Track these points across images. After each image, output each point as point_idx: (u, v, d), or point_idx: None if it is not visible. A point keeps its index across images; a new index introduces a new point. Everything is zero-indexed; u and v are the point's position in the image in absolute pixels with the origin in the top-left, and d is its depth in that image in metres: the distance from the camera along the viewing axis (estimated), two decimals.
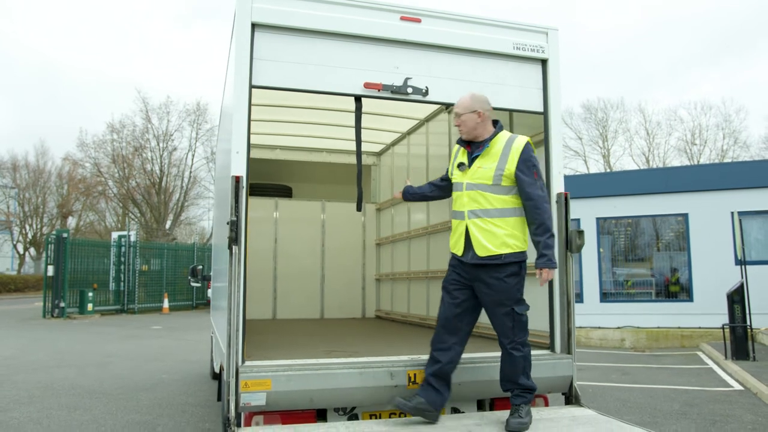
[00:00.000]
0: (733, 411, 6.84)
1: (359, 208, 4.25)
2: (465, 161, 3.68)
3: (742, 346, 10.02)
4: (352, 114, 4.11)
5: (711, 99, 59.73)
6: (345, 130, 7.42)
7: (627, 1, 61.65)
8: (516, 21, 4.30)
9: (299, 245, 8.52)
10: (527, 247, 3.59)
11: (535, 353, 4.16)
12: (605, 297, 14.36)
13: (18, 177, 42.87)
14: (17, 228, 43.26)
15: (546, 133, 4.32)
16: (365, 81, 3.91)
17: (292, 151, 8.75)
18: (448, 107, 6.46)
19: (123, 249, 23.81)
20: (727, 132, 39.45)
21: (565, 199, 4.17)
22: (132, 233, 25.08)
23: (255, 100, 3.79)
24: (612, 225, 14.91)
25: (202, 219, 43.50)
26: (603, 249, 14.60)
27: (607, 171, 37.14)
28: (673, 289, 14.16)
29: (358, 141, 4.07)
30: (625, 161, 42.73)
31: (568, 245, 4.13)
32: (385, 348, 5.05)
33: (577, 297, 13.83)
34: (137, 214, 37.83)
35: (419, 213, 7.39)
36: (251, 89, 3.67)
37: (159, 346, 13.26)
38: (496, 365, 3.89)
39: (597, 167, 41.16)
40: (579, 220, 13.97)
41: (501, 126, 3.73)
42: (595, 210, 14.38)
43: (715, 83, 56.42)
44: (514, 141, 3.59)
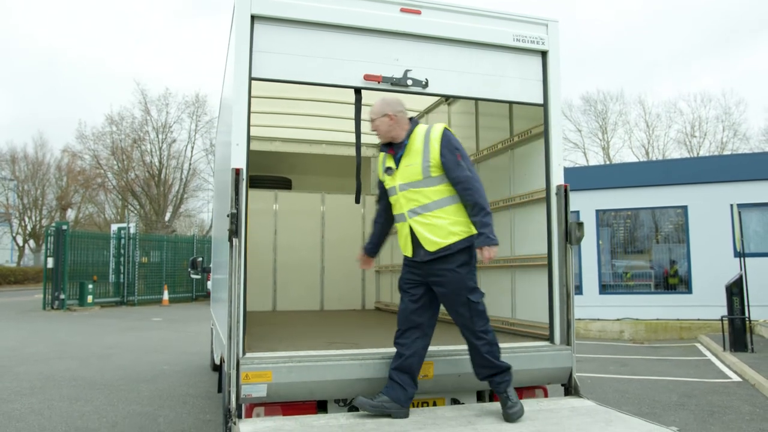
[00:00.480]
0: (731, 402, 6.88)
1: (358, 200, 4.26)
2: (392, 165, 3.70)
3: (740, 337, 10.06)
4: (351, 106, 4.11)
5: (711, 91, 59.61)
6: (345, 122, 7.42)
7: None
8: (516, 13, 4.29)
9: (299, 237, 8.52)
10: (475, 231, 3.54)
11: (535, 345, 4.19)
12: (604, 289, 14.41)
13: (17, 169, 42.82)
14: (16, 220, 43.23)
15: (546, 125, 4.32)
16: (365, 73, 3.90)
17: (291, 143, 8.74)
18: (448, 99, 6.46)
19: (122, 241, 23.83)
20: (727, 124, 39.45)
21: (565, 191, 4.18)
22: (131, 225, 25.09)
23: (254, 92, 3.78)
24: (611, 217, 14.93)
25: (201, 211, 43.59)
26: (602, 241, 14.63)
27: (607, 163, 37.12)
28: (672, 282, 14.20)
29: (357, 133, 4.06)
30: (625, 153, 42.85)
31: (567, 237, 4.14)
32: (385, 339, 5.03)
33: (577, 289, 13.85)
34: (136, 206, 37.86)
35: None
36: (251, 81, 3.67)
37: (159, 337, 13.30)
38: None
39: (596, 159, 41.19)
40: (578, 212, 13.99)
41: (416, 121, 3.75)
42: (595, 202, 14.39)
43: (716, 74, 56.35)
44: (431, 131, 3.62)
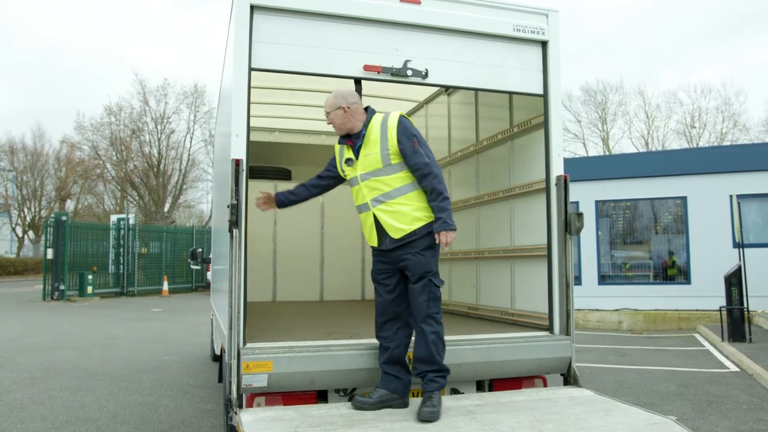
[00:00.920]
0: (729, 392, 6.92)
1: None
2: (351, 156, 3.71)
3: (738, 328, 10.10)
4: None
5: (711, 82, 59.56)
6: None
7: None
8: (516, 3, 4.27)
9: (299, 228, 8.52)
10: None
11: (534, 335, 4.20)
12: (603, 279, 14.44)
13: (15, 160, 42.75)
14: (15, 211, 43.21)
15: (546, 116, 4.31)
16: (365, 63, 3.90)
17: (291, 134, 8.73)
18: (447, 90, 6.45)
19: (122, 232, 23.83)
20: (727, 115, 39.37)
21: (565, 182, 4.18)
22: (131, 216, 25.10)
23: (254, 82, 3.77)
24: (611, 208, 14.93)
25: (200, 202, 43.56)
26: (601, 232, 14.64)
27: (606, 154, 37.08)
28: (671, 272, 14.23)
29: None
30: (624, 144, 42.83)
31: (567, 228, 4.15)
32: None
33: (576, 279, 13.83)
34: (136, 197, 37.84)
35: None
36: (250, 72, 3.66)
37: (159, 328, 13.34)
38: (495, 346, 3.94)
39: (596, 150, 41.14)
40: (578, 202, 14.00)
41: (372, 110, 3.74)
42: (594, 193, 14.39)
43: (716, 65, 56.22)
44: (388, 119, 3.62)
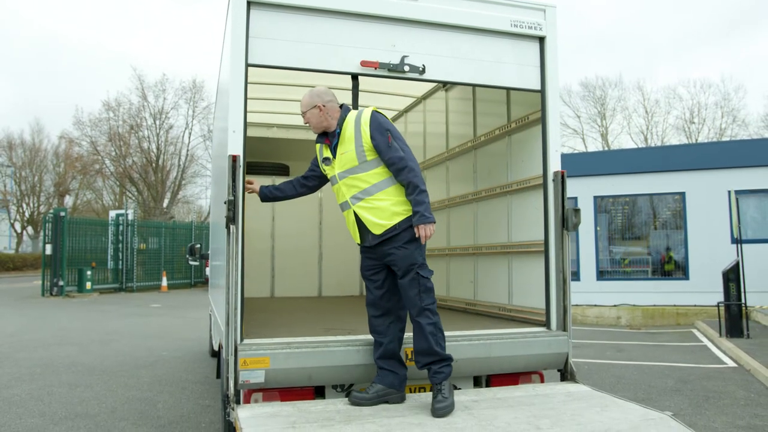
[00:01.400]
0: (726, 387, 6.94)
1: None
2: (329, 155, 3.71)
3: (736, 323, 10.11)
4: (348, 92, 4.09)
5: (710, 77, 59.45)
6: None
7: None
8: None
9: (297, 224, 8.52)
10: None
11: (532, 330, 4.20)
12: (602, 275, 14.44)
13: (14, 155, 42.68)
14: (14, 207, 43.18)
15: (543, 112, 4.30)
16: (362, 59, 3.88)
17: (289, 130, 8.72)
18: (445, 85, 6.43)
19: (121, 227, 23.81)
20: (726, 110, 39.36)
21: (562, 178, 4.17)
22: (130, 212, 25.09)
23: (251, 78, 3.77)
24: (609, 203, 14.94)
25: (199, 197, 43.55)
26: (600, 227, 14.65)
27: (605, 149, 37.07)
28: (668, 268, 14.25)
29: None
30: (624, 139, 42.68)
31: (564, 223, 4.15)
32: None
33: (574, 275, 13.90)
34: (134, 192, 37.81)
35: None
36: (247, 67, 3.66)
37: (158, 324, 13.35)
38: (492, 342, 3.94)
39: (595, 146, 41.12)
40: (576, 198, 14.00)
41: (347, 108, 3.73)
42: (593, 188, 14.40)
43: (716, 61, 56.13)
44: (361, 115, 3.60)
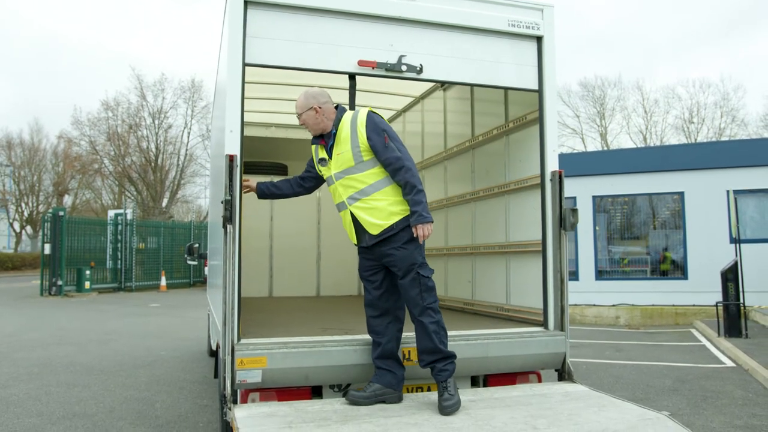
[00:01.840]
0: (724, 387, 6.94)
1: None
2: (324, 156, 3.70)
3: (735, 323, 10.12)
4: (346, 92, 4.09)
5: (709, 77, 59.41)
6: None
7: None
8: None
9: (295, 223, 8.52)
10: None
11: (529, 330, 4.20)
12: (600, 275, 14.44)
13: (13, 155, 42.65)
14: (13, 206, 43.15)
15: (541, 111, 4.30)
16: (359, 59, 3.88)
17: (287, 129, 8.71)
18: (443, 85, 6.43)
19: (120, 227, 23.80)
20: (725, 110, 39.40)
21: (560, 177, 4.17)
22: (128, 211, 25.07)
23: (249, 77, 3.76)
24: (608, 203, 14.94)
25: (198, 197, 43.51)
26: (599, 227, 14.65)
27: (604, 149, 37.08)
28: (666, 268, 14.25)
29: None
30: (623, 139, 42.76)
31: (562, 223, 4.15)
32: None
33: (573, 275, 13.90)
34: (133, 192, 37.79)
35: None
36: (244, 67, 3.65)
37: (157, 323, 13.34)
38: (489, 342, 3.93)
39: (594, 145, 41.14)
40: (575, 198, 13.99)
41: (343, 109, 3.72)
42: (592, 188, 14.39)
43: (716, 60, 56.13)
44: (357, 116, 3.60)
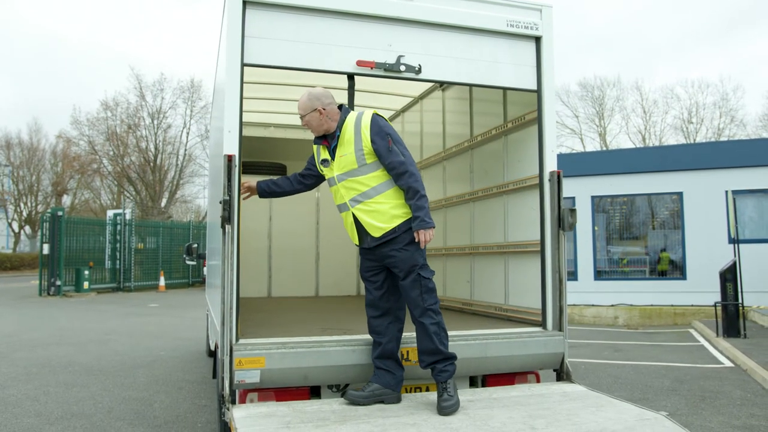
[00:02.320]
0: (723, 387, 6.94)
1: None
2: (327, 156, 3.69)
3: (733, 323, 10.13)
4: (345, 92, 4.09)
5: (708, 77, 59.52)
6: None
7: None
8: None
9: (294, 223, 8.52)
10: None
11: (527, 330, 4.20)
12: (599, 275, 14.45)
13: (12, 155, 42.63)
14: (12, 206, 43.11)
15: (539, 112, 4.30)
16: (358, 59, 3.88)
17: (286, 129, 8.71)
18: (441, 85, 6.43)
19: (119, 227, 23.78)
20: (724, 110, 39.45)
21: (558, 178, 4.17)
22: (127, 211, 25.04)
23: (247, 77, 3.77)
24: (607, 203, 14.95)
25: (197, 197, 43.51)
26: (598, 227, 14.66)
27: (603, 149, 37.10)
28: (663, 268, 14.26)
29: None
30: (622, 139, 42.78)
31: (560, 224, 4.15)
32: None
33: (572, 275, 13.90)
34: (132, 192, 37.77)
35: None
36: (243, 67, 3.65)
37: (156, 323, 13.34)
38: (488, 342, 3.94)
39: (593, 145, 41.17)
40: (574, 198, 13.99)
41: (347, 109, 3.71)
42: (591, 188, 14.39)
43: (715, 60, 56.17)
44: (362, 118, 3.58)
